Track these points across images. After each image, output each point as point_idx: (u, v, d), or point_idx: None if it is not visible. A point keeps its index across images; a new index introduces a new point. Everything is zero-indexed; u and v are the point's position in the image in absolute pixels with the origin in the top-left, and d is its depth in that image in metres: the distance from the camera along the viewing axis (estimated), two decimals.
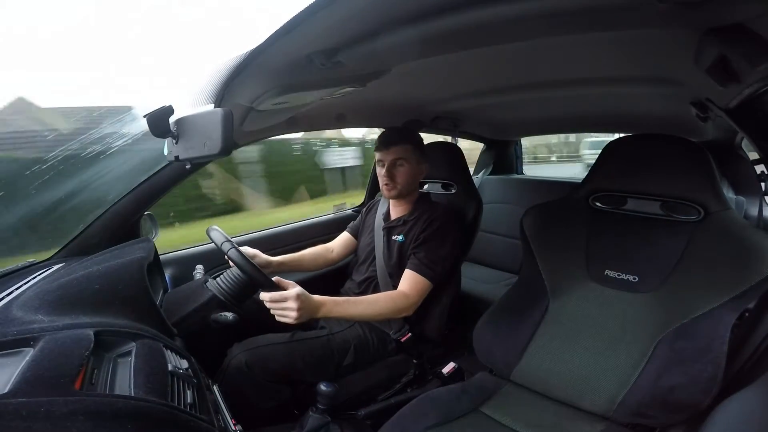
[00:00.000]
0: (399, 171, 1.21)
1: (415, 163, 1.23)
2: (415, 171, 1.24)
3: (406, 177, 1.22)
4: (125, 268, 0.85)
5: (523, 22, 0.57)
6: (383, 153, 1.22)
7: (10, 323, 0.65)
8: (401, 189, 1.22)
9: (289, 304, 0.91)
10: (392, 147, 1.21)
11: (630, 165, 1.00)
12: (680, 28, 0.59)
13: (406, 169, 1.21)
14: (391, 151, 1.21)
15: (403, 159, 1.21)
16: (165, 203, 1.48)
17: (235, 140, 0.93)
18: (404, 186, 1.22)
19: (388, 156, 1.21)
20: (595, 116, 1.73)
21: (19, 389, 0.48)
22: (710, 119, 1.04)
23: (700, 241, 0.88)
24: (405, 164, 1.21)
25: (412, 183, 1.25)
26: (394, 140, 1.21)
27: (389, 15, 0.57)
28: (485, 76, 1.13)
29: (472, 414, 0.92)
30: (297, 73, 0.73)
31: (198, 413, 0.61)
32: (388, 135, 1.24)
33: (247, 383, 1.00)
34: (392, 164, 1.21)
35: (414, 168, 1.23)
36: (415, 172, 1.24)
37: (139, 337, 0.69)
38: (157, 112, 0.71)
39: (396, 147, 1.21)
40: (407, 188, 1.24)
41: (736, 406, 0.62)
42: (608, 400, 0.86)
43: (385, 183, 1.22)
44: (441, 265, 1.16)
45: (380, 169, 1.23)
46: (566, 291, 1.01)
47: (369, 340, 1.20)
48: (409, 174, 1.22)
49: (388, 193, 1.24)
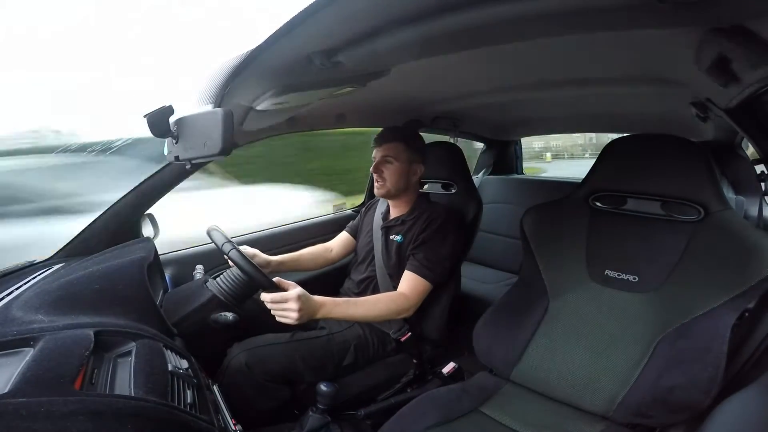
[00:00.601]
0: (387, 168, 1.21)
1: (405, 162, 1.22)
2: (405, 170, 1.22)
3: (393, 175, 1.21)
4: (125, 268, 0.85)
5: (523, 22, 0.57)
6: (376, 149, 1.24)
7: (10, 323, 0.65)
8: (390, 187, 1.22)
9: (290, 305, 0.91)
10: (383, 144, 1.22)
11: (630, 165, 1.00)
12: (680, 28, 0.59)
13: (395, 167, 1.21)
14: (382, 148, 1.22)
15: (392, 157, 1.20)
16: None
17: (235, 140, 0.93)
18: (393, 184, 1.22)
19: (379, 152, 1.22)
20: (595, 116, 1.74)
21: (19, 389, 0.48)
22: (710, 119, 1.04)
23: (700, 240, 0.88)
24: (394, 162, 1.20)
25: (402, 182, 1.23)
26: (386, 138, 1.22)
27: (389, 15, 0.57)
28: (485, 76, 1.13)
29: (472, 414, 0.92)
30: (297, 73, 0.73)
31: (198, 413, 0.61)
32: (382, 132, 1.25)
33: (247, 383, 1.00)
34: (381, 161, 1.21)
35: (404, 167, 1.22)
36: (405, 171, 1.22)
37: (139, 337, 0.70)
38: (157, 112, 0.71)
39: (387, 144, 1.21)
40: (396, 187, 1.22)
41: (736, 406, 0.62)
42: (608, 400, 0.86)
43: (376, 180, 1.23)
44: (441, 265, 1.16)
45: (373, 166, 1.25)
46: (566, 291, 1.01)
47: (369, 340, 1.20)
48: (397, 172, 1.21)
49: (377, 191, 1.24)
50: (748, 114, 0.80)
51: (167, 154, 0.80)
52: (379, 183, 1.23)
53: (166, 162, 1.09)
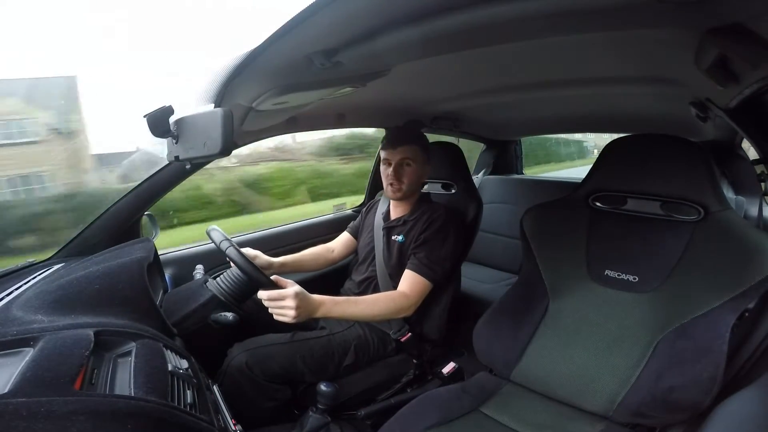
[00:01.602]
0: (406, 171, 1.20)
1: (421, 164, 1.23)
2: (421, 172, 1.24)
3: (412, 178, 1.22)
4: (125, 268, 0.85)
5: (523, 22, 0.57)
6: (390, 152, 1.21)
7: (10, 323, 0.65)
8: (406, 190, 1.22)
9: (287, 302, 0.91)
10: (399, 147, 1.20)
11: (630, 165, 1.00)
12: (680, 28, 0.59)
13: (413, 169, 1.21)
14: (398, 151, 1.20)
15: (411, 159, 1.20)
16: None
17: (235, 140, 0.93)
18: (409, 187, 1.22)
19: (395, 156, 1.20)
20: (596, 116, 1.73)
21: (19, 389, 0.48)
22: (710, 119, 1.04)
23: (700, 241, 0.88)
24: (412, 164, 1.20)
25: (417, 184, 1.25)
26: (402, 140, 1.21)
27: (389, 15, 0.57)
28: (485, 76, 1.13)
29: (472, 414, 0.92)
30: (297, 73, 0.73)
31: (198, 413, 0.61)
32: (397, 134, 1.24)
33: (247, 383, 1.00)
34: (399, 164, 1.20)
35: (420, 169, 1.23)
36: (421, 173, 1.24)
37: (139, 337, 0.70)
38: (157, 112, 0.71)
39: (404, 147, 1.20)
40: (411, 189, 1.24)
41: (736, 406, 0.62)
42: (608, 400, 0.86)
43: (390, 183, 1.22)
44: (441, 265, 1.16)
45: (386, 169, 1.23)
46: (566, 291, 1.01)
47: (369, 340, 1.20)
48: (415, 175, 1.22)
49: (393, 194, 1.23)
50: (748, 114, 0.80)
51: (167, 154, 0.80)
52: (394, 186, 1.21)
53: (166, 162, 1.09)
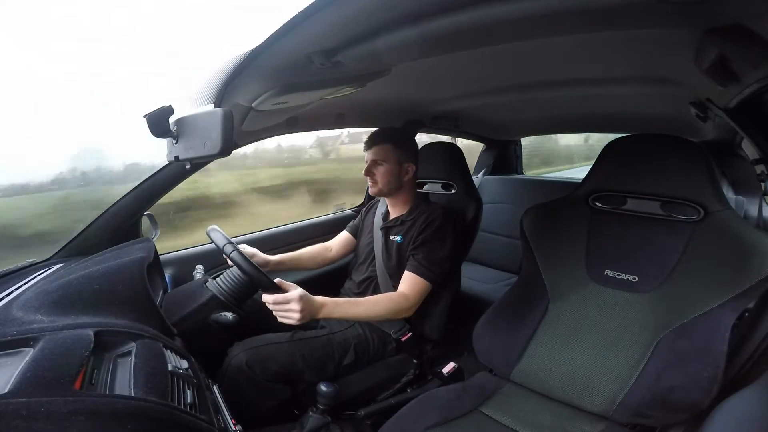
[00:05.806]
0: (377, 170, 1.25)
1: (394, 162, 1.25)
2: (395, 170, 1.25)
3: (384, 176, 1.25)
4: (125, 268, 0.85)
5: (523, 22, 0.57)
6: (366, 153, 1.28)
7: (10, 323, 0.65)
8: (381, 187, 1.26)
9: (292, 306, 0.91)
10: (372, 147, 1.26)
11: (630, 165, 1.00)
12: (680, 28, 0.59)
13: (385, 168, 1.24)
14: (371, 152, 1.26)
15: (381, 159, 1.24)
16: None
17: (235, 140, 0.93)
18: (384, 185, 1.25)
19: (369, 156, 1.27)
20: (595, 116, 1.74)
21: (19, 389, 0.48)
22: (710, 119, 1.04)
23: (699, 240, 0.88)
24: (384, 164, 1.24)
25: (394, 182, 1.26)
26: (374, 141, 1.26)
27: (389, 15, 0.57)
28: (485, 76, 1.14)
29: (472, 414, 0.92)
30: (297, 73, 0.73)
31: (198, 413, 0.61)
32: (370, 135, 1.29)
33: (247, 383, 1.00)
34: (372, 164, 1.25)
35: (394, 167, 1.25)
36: (395, 171, 1.25)
37: (139, 337, 0.70)
38: (157, 112, 0.71)
39: (375, 147, 1.25)
40: (388, 187, 1.26)
41: (736, 406, 0.62)
42: (608, 400, 0.86)
43: (368, 181, 1.28)
44: (440, 266, 1.16)
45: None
46: (566, 291, 1.01)
47: (369, 340, 1.20)
48: (387, 173, 1.25)
49: (371, 190, 1.29)
50: (748, 114, 0.80)
51: (167, 154, 0.80)
52: (371, 183, 1.27)
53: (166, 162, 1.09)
